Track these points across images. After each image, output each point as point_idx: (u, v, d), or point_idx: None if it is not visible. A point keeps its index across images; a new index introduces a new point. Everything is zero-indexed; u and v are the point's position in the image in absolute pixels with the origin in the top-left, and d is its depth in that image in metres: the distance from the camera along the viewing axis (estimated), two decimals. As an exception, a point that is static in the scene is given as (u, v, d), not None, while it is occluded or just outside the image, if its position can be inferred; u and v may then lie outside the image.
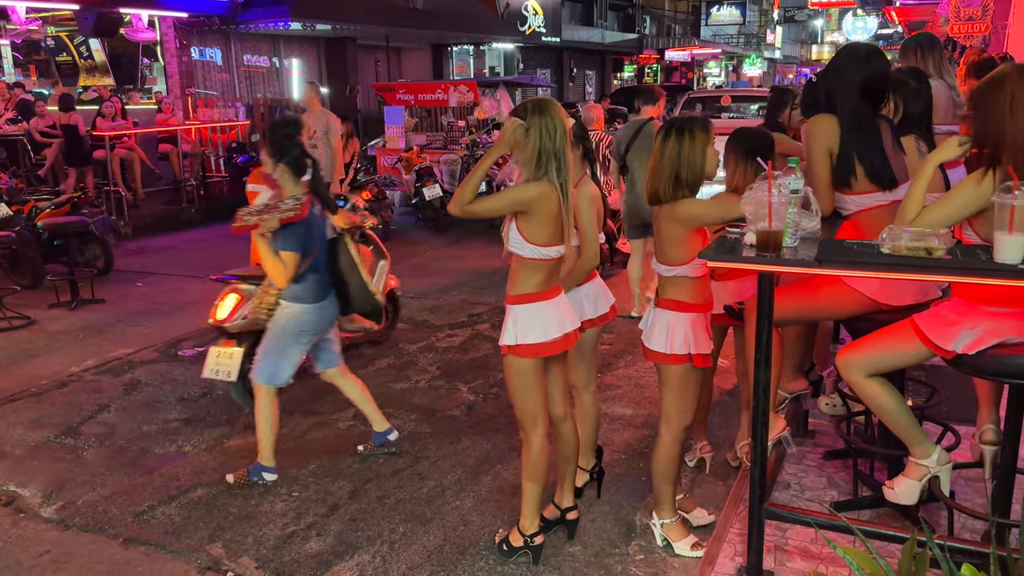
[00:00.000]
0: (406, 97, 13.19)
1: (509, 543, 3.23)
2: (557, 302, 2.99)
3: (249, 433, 4.50)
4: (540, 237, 2.86)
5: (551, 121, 2.82)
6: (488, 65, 25.85)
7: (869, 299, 2.86)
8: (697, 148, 2.90)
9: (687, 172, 2.90)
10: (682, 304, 3.00)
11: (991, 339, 2.45)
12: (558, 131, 2.82)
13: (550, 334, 2.94)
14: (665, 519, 3.26)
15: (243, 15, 14.83)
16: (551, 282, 2.98)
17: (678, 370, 3.03)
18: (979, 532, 3.04)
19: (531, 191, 2.81)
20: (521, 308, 2.94)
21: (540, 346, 2.93)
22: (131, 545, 3.45)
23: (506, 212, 2.91)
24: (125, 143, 11.44)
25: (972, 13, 11.84)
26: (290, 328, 3.85)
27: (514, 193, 2.86)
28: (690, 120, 2.96)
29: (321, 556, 3.33)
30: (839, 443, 3.69)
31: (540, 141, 2.81)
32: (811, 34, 55.38)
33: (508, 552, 3.23)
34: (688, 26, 39.91)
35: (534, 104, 2.86)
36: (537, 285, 2.93)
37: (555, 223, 2.86)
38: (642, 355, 3.20)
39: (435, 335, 6.23)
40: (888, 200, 2.88)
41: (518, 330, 2.93)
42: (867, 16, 35.88)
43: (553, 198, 2.82)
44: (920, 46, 4.28)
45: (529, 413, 3.04)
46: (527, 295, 2.93)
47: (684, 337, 2.99)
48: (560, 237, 2.91)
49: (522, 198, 2.82)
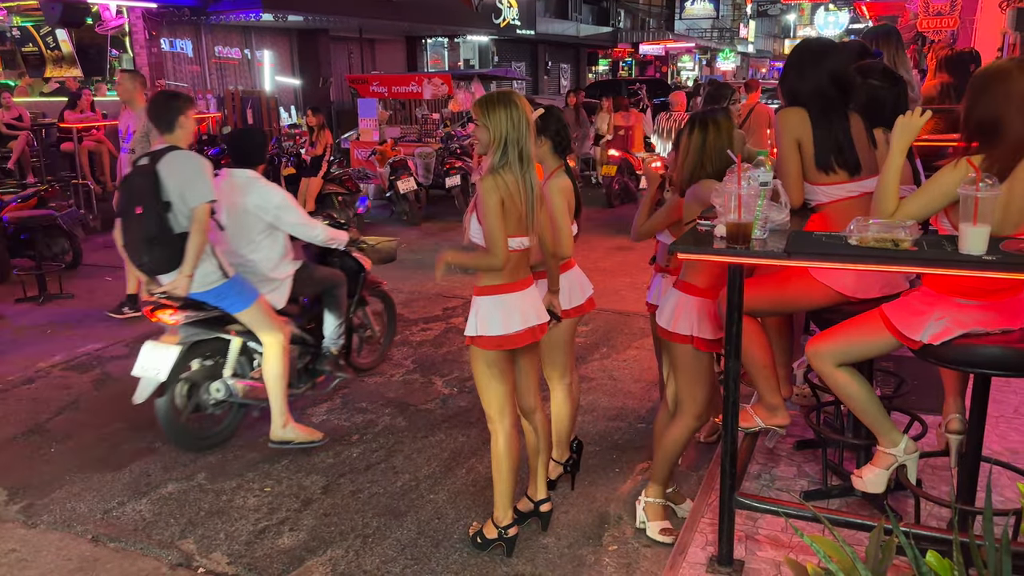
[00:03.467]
0: (380, 89, 13.10)
1: (483, 535, 3.24)
2: (524, 295, 3.00)
3: (221, 428, 4.46)
4: (506, 227, 2.87)
5: (516, 112, 2.84)
6: (463, 58, 25.77)
7: (837, 291, 2.89)
8: (723, 137, 3.02)
9: (714, 161, 3.02)
10: (695, 288, 3.04)
11: (957, 330, 2.48)
12: (522, 122, 2.85)
13: (512, 327, 2.95)
14: (650, 497, 3.32)
15: (214, 6, 14.64)
16: (518, 274, 2.98)
17: (684, 351, 3.07)
18: (945, 520, 3.10)
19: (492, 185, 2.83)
20: (484, 299, 2.96)
21: (502, 338, 2.95)
22: (100, 542, 3.41)
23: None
24: (94, 135, 11.27)
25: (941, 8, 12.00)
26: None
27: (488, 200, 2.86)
28: (712, 112, 3.12)
29: (294, 551, 3.31)
30: (809, 433, 3.73)
31: (505, 130, 2.83)
32: (784, 28, 55.84)
33: (482, 544, 3.23)
34: (662, 20, 40.03)
35: (499, 95, 2.90)
36: (502, 277, 2.94)
37: (520, 214, 2.89)
38: (617, 347, 3.22)
39: (409, 329, 6.21)
40: (858, 191, 2.92)
41: (479, 321, 2.95)
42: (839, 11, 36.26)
43: (516, 187, 2.85)
44: (878, 37, 4.33)
45: (494, 405, 3.07)
46: (491, 287, 2.95)
47: (689, 319, 3.03)
48: (523, 228, 2.93)
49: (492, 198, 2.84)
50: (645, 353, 5.37)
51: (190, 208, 3.81)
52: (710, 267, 2.97)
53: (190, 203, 3.82)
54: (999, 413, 3.96)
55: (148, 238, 3.83)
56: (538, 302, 3.09)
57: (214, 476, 3.94)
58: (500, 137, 2.84)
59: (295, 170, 9.85)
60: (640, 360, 5.35)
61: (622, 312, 6.32)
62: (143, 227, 3.84)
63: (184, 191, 3.82)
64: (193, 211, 3.81)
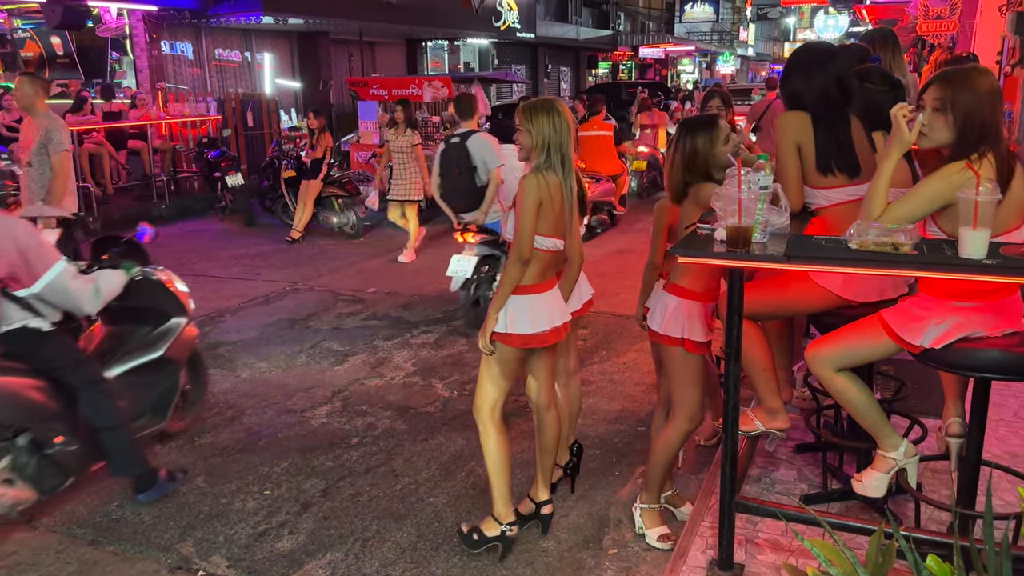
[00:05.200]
0: (380, 92, 13.11)
1: (481, 532, 3.21)
2: (550, 295, 3.08)
3: (221, 430, 4.46)
4: (542, 227, 2.95)
5: (558, 117, 2.96)
6: (463, 61, 25.78)
7: (836, 295, 2.89)
8: (716, 142, 3.02)
9: (702, 163, 3.04)
10: (687, 291, 3.05)
11: (957, 333, 2.49)
12: (564, 127, 2.96)
13: (539, 326, 3.01)
14: (645, 504, 3.32)
15: (214, 8, 14.65)
16: (547, 275, 3.06)
17: (674, 353, 3.08)
18: (945, 523, 3.09)
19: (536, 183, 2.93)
20: (515, 299, 2.99)
21: (530, 337, 3.00)
22: (100, 545, 3.40)
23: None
24: (94, 138, 11.28)
25: (940, 12, 12.02)
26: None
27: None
28: (700, 118, 3.16)
29: (293, 554, 3.31)
30: (809, 437, 3.73)
31: (548, 135, 2.95)
32: (783, 32, 55.91)
33: (478, 542, 3.21)
34: (662, 23, 40.05)
35: (542, 102, 3.02)
36: (532, 277, 3.00)
37: (558, 215, 2.97)
38: (618, 351, 3.24)
39: (410, 331, 6.21)
40: (857, 195, 2.92)
41: (509, 319, 2.98)
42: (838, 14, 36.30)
43: (558, 190, 2.95)
44: (875, 40, 4.33)
45: (490, 401, 3.12)
46: (522, 287, 2.99)
47: (680, 321, 3.04)
48: (561, 231, 3.01)
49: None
50: (645, 356, 5.37)
51: (489, 170, 6.08)
52: (700, 270, 2.98)
53: (490, 167, 6.06)
54: (999, 417, 3.96)
55: (463, 188, 6.14)
56: (562, 302, 3.16)
57: (213, 479, 3.94)
58: (543, 141, 2.95)
59: (295, 173, 9.85)
60: (640, 363, 5.35)
61: (622, 315, 6.33)
62: (459, 181, 6.11)
63: (485, 159, 6.09)
64: (490, 172, 6.08)
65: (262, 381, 5.23)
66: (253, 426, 4.54)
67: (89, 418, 3.51)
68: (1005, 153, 2.46)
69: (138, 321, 4.07)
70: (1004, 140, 2.51)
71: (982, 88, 2.45)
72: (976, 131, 2.43)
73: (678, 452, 3.26)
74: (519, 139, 3.04)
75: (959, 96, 2.44)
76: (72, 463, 3.51)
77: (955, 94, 2.45)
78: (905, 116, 2.48)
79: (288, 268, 8.38)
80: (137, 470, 3.66)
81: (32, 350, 3.42)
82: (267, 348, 5.87)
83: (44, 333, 3.44)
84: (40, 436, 3.40)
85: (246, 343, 5.99)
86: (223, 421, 4.61)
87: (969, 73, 2.51)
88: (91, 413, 3.51)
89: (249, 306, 6.95)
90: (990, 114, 2.44)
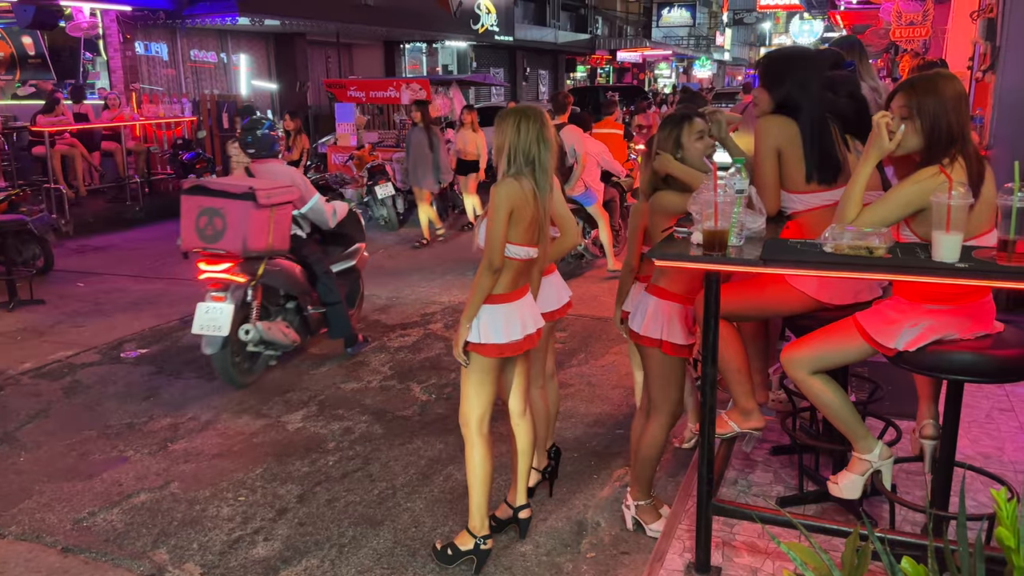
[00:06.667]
0: (357, 94, 13.05)
1: (455, 547, 3.16)
2: (522, 303, 3.04)
3: (194, 436, 4.41)
4: (513, 235, 2.90)
5: (525, 122, 2.91)
6: (441, 63, 25.72)
7: (811, 297, 2.91)
8: (687, 137, 3.09)
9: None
10: (667, 293, 3.06)
11: (930, 336, 2.51)
12: (531, 133, 2.90)
13: (513, 335, 2.98)
14: (640, 501, 3.33)
15: (189, 9, 14.50)
16: (518, 283, 3.02)
17: (652, 354, 3.10)
18: (920, 525, 3.12)
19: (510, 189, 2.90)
20: (488, 307, 2.95)
21: (504, 346, 2.97)
22: (70, 553, 3.34)
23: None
24: (66, 139, 11.12)
25: (913, 18, 12.17)
26: None
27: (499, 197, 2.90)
28: (672, 115, 3.21)
29: (268, 561, 3.27)
30: (785, 439, 3.75)
31: (512, 140, 2.90)
32: (759, 37, 56.36)
33: (452, 557, 3.16)
34: (639, 27, 40.26)
35: (516, 108, 2.99)
36: (505, 286, 2.96)
37: (530, 224, 2.92)
38: (595, 353, 3.24)
39: (387, 335, 6.18)
40: (833, 200, 2.92)
41: (482, 329, 2.95)
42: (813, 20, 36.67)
43: (532, 197, 2.90)
44: (842, 48, 4.37)
45: (476, 412, 3.06)
46: (495, 295, 2.95)
47: (659, 323, 3.05)
48: (532, 238, 2.96)
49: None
50: (623, 359, 5.37)
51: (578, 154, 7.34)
52: (681, 272, 2.98)
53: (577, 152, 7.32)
54: (972, 418, 4.00)
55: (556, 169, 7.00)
56: (535, 308, 3.14)
57: (187, 485, 3.89)
58: (508, 146, 2.91)
59: (271, 175, 9.75)
60: (618, 366, 5.36)
61: (600, 318, 6.33)
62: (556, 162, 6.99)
63: (574, 146, 7.34)
64: (579, 155, 7.35)
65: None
66: (228, 431, 4.49)
67: (323, 295, 5.48)
68: (974, 156, 2.49)
69: (343, 240, 6.00)
70: (973, 144, 2.54)
71: (947, 93, 2.48)
72: (944, 136, 2.45)
73: (664, 446, 3.26)
74: (496, 144, 3.03)
75: (925, 102, 2.47)
76: (313, 325, 5.54)
77: (921, 100, 2.47)
78: (888, 124, 2.50)
79: (264, 271, 8.30)
80: (348, 332, 5.60)
81: (298, 248, 5.40)
82: (242, 352, 5.80)
83: (303, 238, 5.50)
84: (302, 303, 5.46)
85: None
86: (197, 426, 4.56)
87: (934, 79, 2.53)
88: (325, 292, 5.48)
89: (224, 310, 6.87)
90: (956, 118, 2.46)
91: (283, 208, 5.04)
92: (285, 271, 5.26)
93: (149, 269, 8.38)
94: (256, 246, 4.84)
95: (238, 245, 4.79)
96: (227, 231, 4.78)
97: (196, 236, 4.86)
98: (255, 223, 4.79)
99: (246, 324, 5.02)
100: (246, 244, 4.79)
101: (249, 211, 4.77)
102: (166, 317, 6.62)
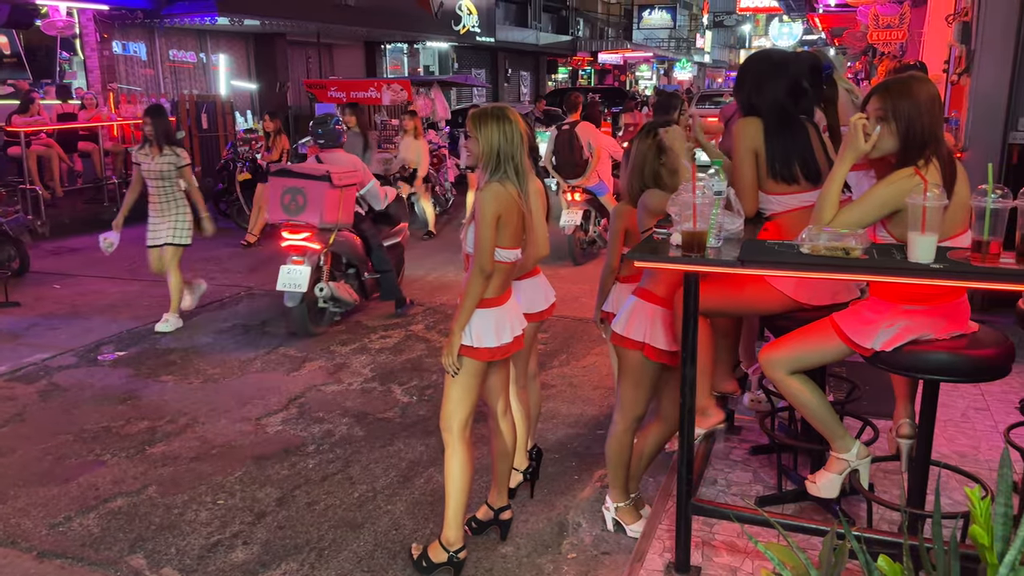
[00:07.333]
0: (338, 95, 12.99)
1: (428, 559, 3.12)
2: (510, 306, 3.05)
3: (171, 439, 4.37)
4: (502, 239, 2.89)
5: (509, 125, 2.88)
6: (422, 64, 25.66)
7: (790, 298, 2.93)
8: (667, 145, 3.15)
9: (650, 168, 3.19)
10: (654, 296, 3.07)
11: (907, 336, 2.53)
12: (515, 136, 2.88)
13: (503, 338, 2.99)
14: (618, 503, 3.34)
15: (168, 8, 14.36)
16: (506, 286, 3.03)
17: (632, 356, 3.10)
18: (896, 523, 3.15)
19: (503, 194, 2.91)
20: (479, 312, 2.94)
21: (495, 350, 2.97)
22: (45, 558, 3.30)
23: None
24: (42, 139, 10.98)
25: (890, 21, 12.30)
26: None
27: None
28: (657, 122, 3.27)
29: (247, 566, 3.24)
30: (764, 438, 3.78)
31: (498, 143, 2.87)
32: (739, 39, 56.73)
33: (427, 568, 3.12)
34: (620, 29, 40.39)
35: (492, 109, 2.93)
36: (494, 290, 2.96)
37: (516, 226, 2.93)
38: (577, 354, 3.25)
39: (368, 336, 6.15)
40: (811, 202, 2.95)
41: (474, 333, 2.93)
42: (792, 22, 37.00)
43: (516, 199, 2.89)
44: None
45: (460, 417, 3.03)
46: (485, 300, 2.94)
47: (642, 326, 3.05)
48: (517, 241, 2.97)
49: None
50: (604, 360, 5.38)
51: (593, 148, 8.02)
52: (670, 276, 2.99)
53: (594, 146, 8.03)
54: (947, 417, 4.05)
55: (571, 162, 8.10)
56: (519, 310, 3.15)
57: (165, 489, 3.85)
58: (493, 150, 2.87)
59: (251, 175, 9.72)
60: (599, 367, 5.37)
61: (581, 319, 6.34)
62: (570, 156, 8.10)
63: (589, 141, 8.05)
64: (595, 149, 8.02)
65: (216, 388, 5.14)
66: (206, 434, 4.45)
67: (377, 264, 6.51)
68: (947, 158, 2.52)
69: (390, 220, 6.95)
70: (946, 145, 2.57)
71: (921, 96, 2.51)
72: (919, 137, 2.48)
73: (630, 447, 3.25)
74: (469, 147, 2.99)
75: (899, 104, 2.50)
76: (368, 290, 6.59)
77: (896, 103, 2.51)
78: (864, 126, 2.52)
79: (243, 272, 8.26)
80: (398, 296, 6.62)
81: (358, 223, 6.38)
82: (221, 354, 5.76)
83: (361, 215, 6.48)
84: (360, 270, 6.50)
85: (199, 349, 5.88)
86: (175, 429, 4.52)
87: (908, 82, 2.57)
88: (378, 261, 6.50)
89: (203, 311, 6.82)
90: (930, 120, 2.50)
91: (350, 189, 6.09)
92: (349, 242, 6.26)
93: (126, 271, 8.29)
94: (329, 219, 5.89)
95: (316, 218, 5.84)
96: (307, 206, 5.85)
97: (281, 210, 5.93)
98: (330, 200, 5.85)
99: (320, 283, 5.99)
100: (322, 217, 5.84)
101: (325, 190, 5.81)
102: (143, 319, 6.56)
